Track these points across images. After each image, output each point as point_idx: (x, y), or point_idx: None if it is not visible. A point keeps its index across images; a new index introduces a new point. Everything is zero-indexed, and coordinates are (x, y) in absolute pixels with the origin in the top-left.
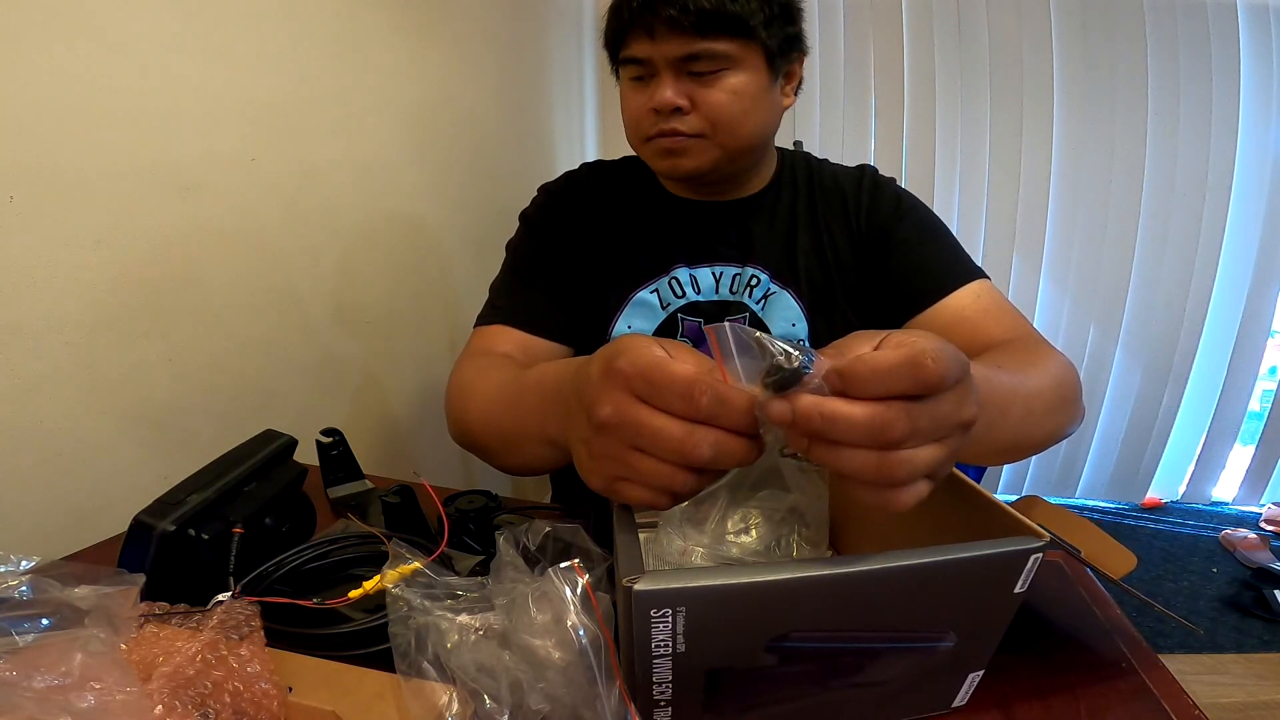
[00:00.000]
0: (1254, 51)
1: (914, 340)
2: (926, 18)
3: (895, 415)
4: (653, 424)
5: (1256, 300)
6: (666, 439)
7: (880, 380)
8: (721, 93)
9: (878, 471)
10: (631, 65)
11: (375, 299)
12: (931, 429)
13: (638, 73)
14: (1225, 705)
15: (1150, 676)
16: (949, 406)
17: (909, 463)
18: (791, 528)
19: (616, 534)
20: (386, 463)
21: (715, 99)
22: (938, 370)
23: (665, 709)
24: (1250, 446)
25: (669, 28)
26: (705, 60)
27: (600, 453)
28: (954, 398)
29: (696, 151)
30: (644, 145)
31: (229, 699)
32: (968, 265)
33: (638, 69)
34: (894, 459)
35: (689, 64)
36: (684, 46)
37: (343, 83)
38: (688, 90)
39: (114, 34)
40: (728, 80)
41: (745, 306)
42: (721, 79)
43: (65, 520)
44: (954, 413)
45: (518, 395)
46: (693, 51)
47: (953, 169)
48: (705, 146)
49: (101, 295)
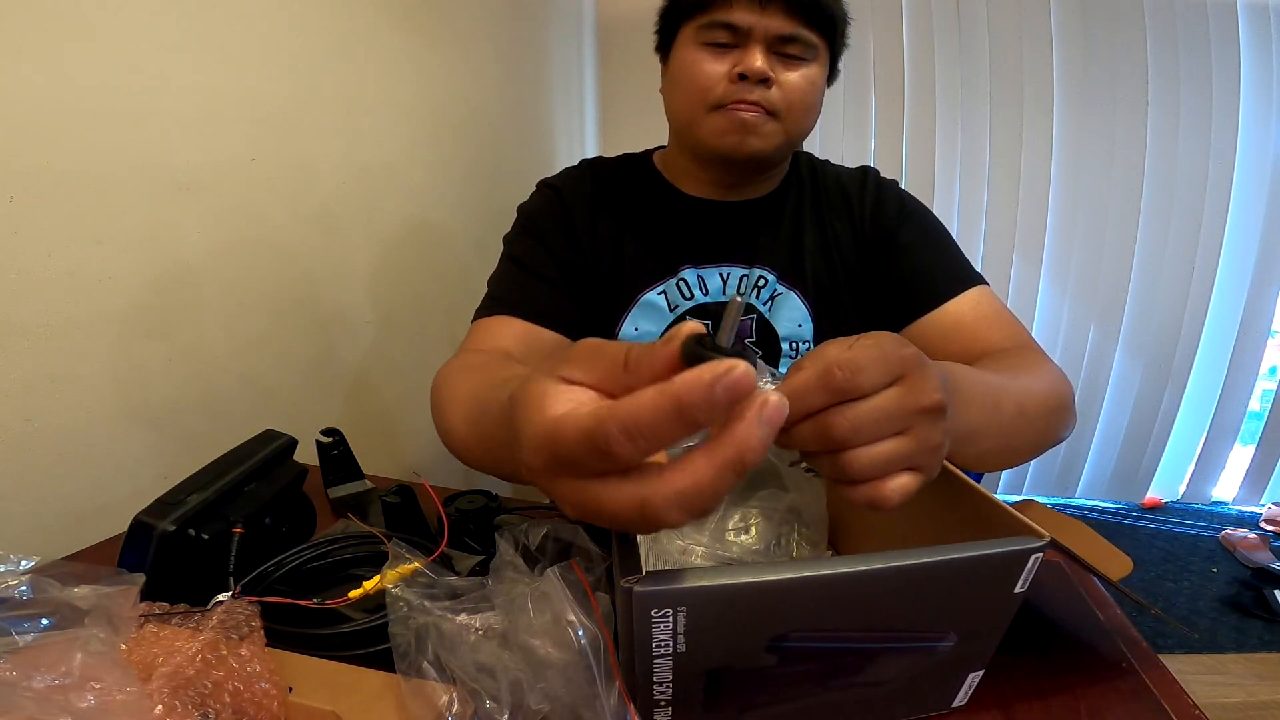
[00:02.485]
0: (1254, 51)
1: (827, 352)
2: (926, 18)
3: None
4: (601, 499)
5: (1256, 300)
6: (625, 508)
7: (802, 399)
8: (800, 79)
9: (835, 469)
10: (719, 30)
11: (375, 298)
12: (881, 422)
13: (722, 39)
14: (1225, 705)
15: (1150, 676)
16: (897, 398)
17: (865, 456)
18: (791, 527)
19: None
20: (386, 463)
21: (796, 82)
22: (847, 379)
23: (665, 709)
24: (1250, 446)
25: (783, 3)
26: (798, 45)
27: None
28: (904, 389)
29: (767, 132)
30: (709, 114)
31: (229, 699)
32: (968, 271)
33: (724, 35)
34: (848, 456)
35: (784, 45)
36: (788, 25)
37: (343, 83)
38: (772, 68)
39: (114, 34)
40: (806, 69)
41: (752, 307)
42: (802, 66)
43: (65, 520)
44: (909, 401)
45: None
46: (793, 33)
47: (953, 169)
48: (775, 129)
49: (101, 295)
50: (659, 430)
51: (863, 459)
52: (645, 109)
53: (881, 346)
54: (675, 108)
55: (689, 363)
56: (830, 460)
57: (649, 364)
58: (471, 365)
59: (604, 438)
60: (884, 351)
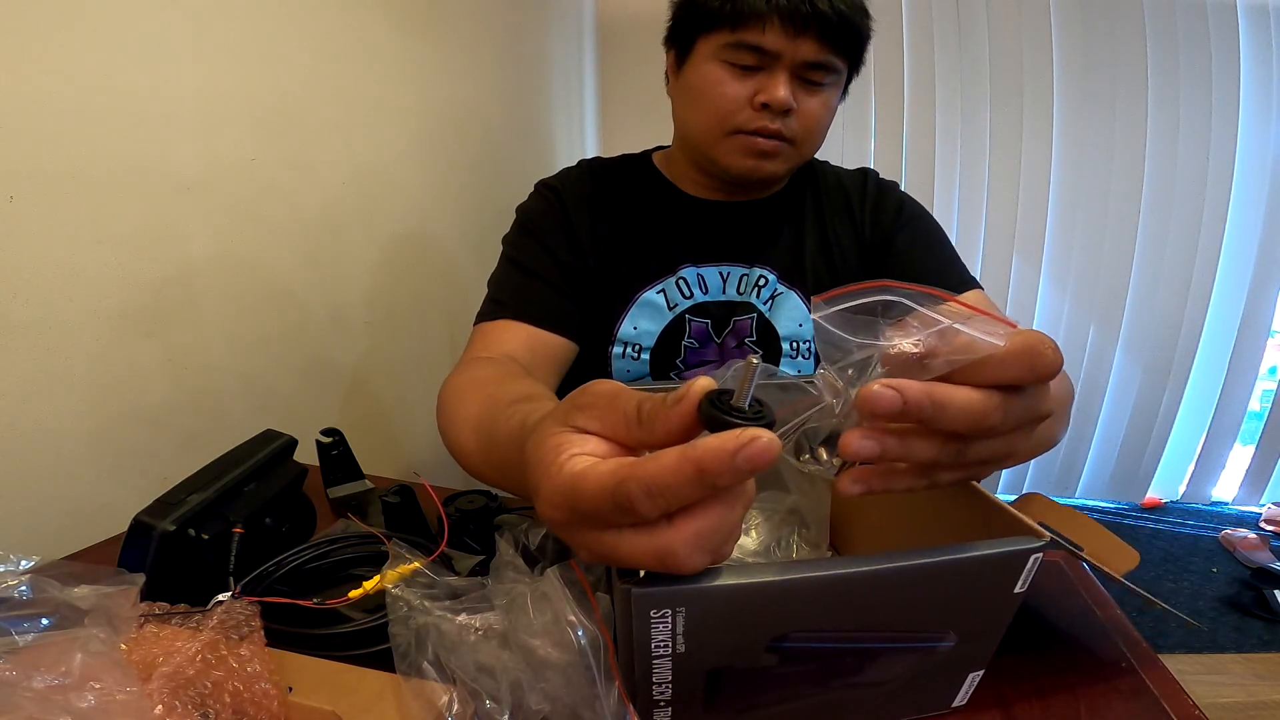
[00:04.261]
0: (1254, 51)
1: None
2: (926, 18)
3: (995, 405)
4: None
5: (1256, 300)
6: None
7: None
8: (819, 105)
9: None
10: (746, 52)
11: (375, 298)
12: (1019, 419)
13: (747, 60)
14: (1225, 705)
15: (1150, 676)
16: (1036, 398)
17: (983, 452)
18: (792, 529)
19: None
20: (386, 463)
21: (815, 109)
22: (1057, 360)
23: (665, 709)
24: (1250, 446)
25: (816, 32)
26: (823, 71)
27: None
28: (1042, 389)
29: (782, 158)
30: (727, 137)
31: (229, 699)
32: (963, 276)
33: (750, 57)
34: (973, 448)
35: (808, 71)
36: (818, 53)
37: (343, 83)
38: (794, 94)
39: (114, 34)
40: (825, 94)
41: (753, 307)
42: (823, 92)
43: (65, 520)
44: (1038, 405)
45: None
46: (821, 60)
47: (953, 169)
48: (790, 154)
49: (101, 295)
50: (680, 492)
51: (985, 451)
52: (645, 109)
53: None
54: (690, 122)
55: (708, 426)
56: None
57: (662, 421)
58: (479, 379)
59: (626, 496)
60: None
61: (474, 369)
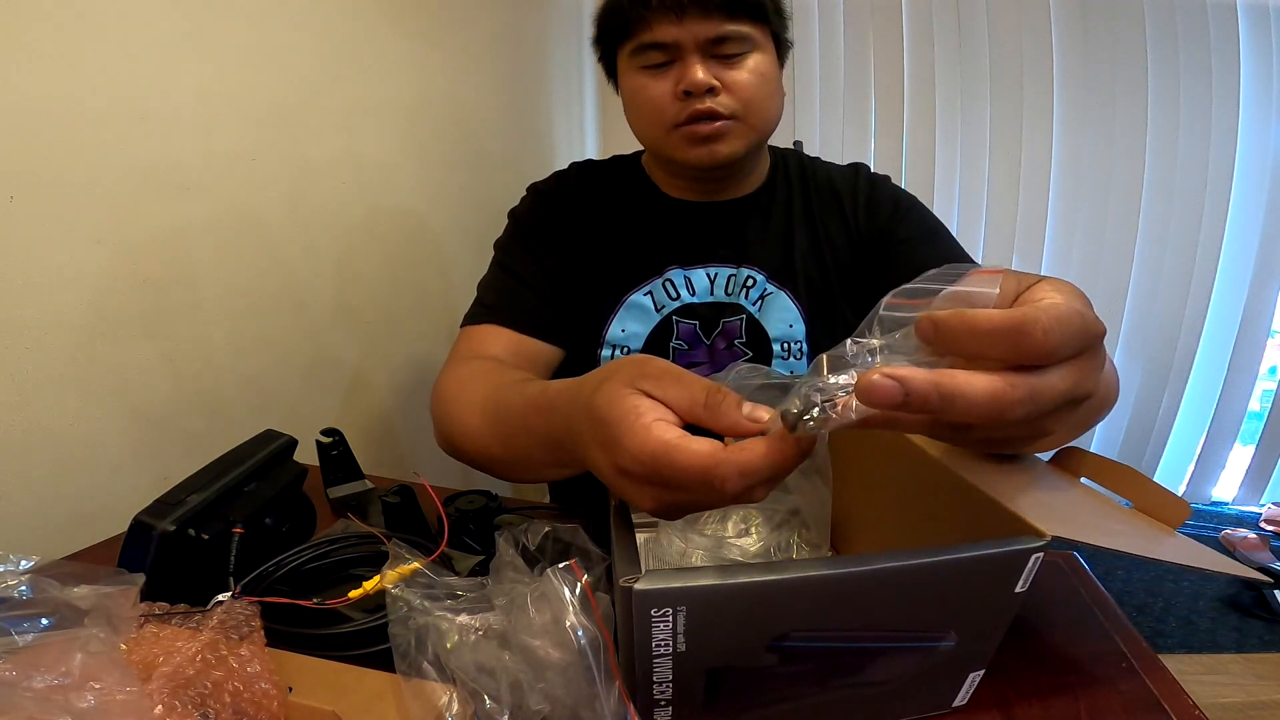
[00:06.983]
0: (1254, 51)
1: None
2: (926, 17)
3: (1019, 397)
4: (692, 503)
5: (1256, 300)
6: (711, 506)
7: (979, 339)
8: (748, 74)
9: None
10: (651, 52)
11: (375, 298)
12: (1053, 403)
13: (656, 59)
14: (1225, 705)
15: (1150, 676)
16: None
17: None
18: (792, 530)
19: (614, 534)
20: (386, 463)
21: (744, 79)
22: (1046, 343)
23: (665, 709)
24: (1250, 446)
25: (699, 9)
26: (733, 42)
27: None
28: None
29: (732, 135)
30: (670, 134)
31: (229, 699)
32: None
33: (657, 55)
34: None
35: (717, 46)
36: (714, 27)
37: (343, 83)
38: (715, 73)
39: (114, 34)
40: (751, 62)
41: (741, 308)
42: (745, 61)
43: (65, 520)
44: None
45: (520, 420)
46: (722, 33)
47: (953, 169)
48: (740, 130)
49: (101, 295)
50: (766, 477)
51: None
52: None
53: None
54: (638, 131)
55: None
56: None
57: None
58: (476, 372)
59: (720, 478)
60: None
61: (471, 364)
